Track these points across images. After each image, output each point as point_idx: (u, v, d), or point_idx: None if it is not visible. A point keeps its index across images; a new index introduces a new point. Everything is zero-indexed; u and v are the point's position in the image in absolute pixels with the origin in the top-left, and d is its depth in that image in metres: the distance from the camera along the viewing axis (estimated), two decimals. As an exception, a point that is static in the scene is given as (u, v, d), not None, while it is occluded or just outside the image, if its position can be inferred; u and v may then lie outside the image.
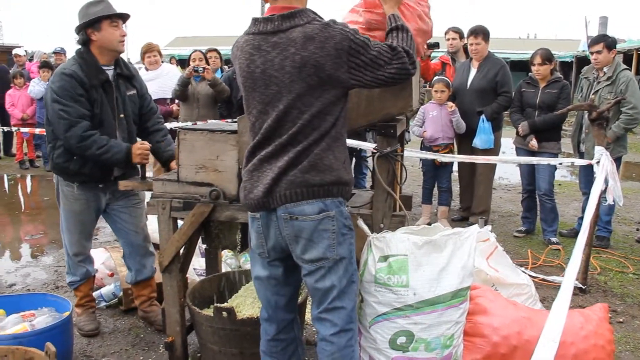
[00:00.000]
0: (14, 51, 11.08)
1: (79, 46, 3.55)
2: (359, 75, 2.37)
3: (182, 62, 18.97)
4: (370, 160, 6.35)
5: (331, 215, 2.39)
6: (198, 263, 4.43)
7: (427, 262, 2.62)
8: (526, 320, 3.11)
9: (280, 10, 2.39)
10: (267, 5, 2.48)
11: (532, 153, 5.73)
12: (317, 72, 2.31)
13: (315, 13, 2.40)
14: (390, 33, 2.52)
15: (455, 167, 6.78)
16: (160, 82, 6.30)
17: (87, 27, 3.46)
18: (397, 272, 2.60)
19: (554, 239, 5.75)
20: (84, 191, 3.65)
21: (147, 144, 3.55)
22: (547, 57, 5.62)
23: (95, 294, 4.15)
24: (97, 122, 3.48)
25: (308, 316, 3.83)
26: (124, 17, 3.58)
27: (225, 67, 7.47)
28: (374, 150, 2.79)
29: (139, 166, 3.55)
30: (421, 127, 6.16)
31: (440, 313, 2.65)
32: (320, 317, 2.51)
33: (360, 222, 2.70)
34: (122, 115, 3.62)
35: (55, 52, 10.60)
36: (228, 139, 2.97)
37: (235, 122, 2.98)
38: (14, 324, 3.30)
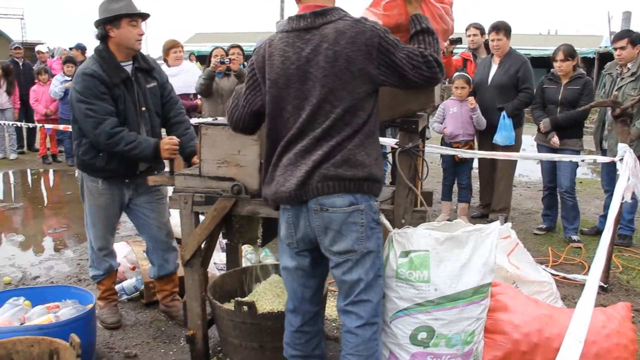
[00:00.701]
0: (37, 48, 11.22)
1: (97, 41, 3.59)
2: (388, 74, 2.41)
3: (202, 59, 19.03)
4: (389, 156, 6.33)
5: (361, 208, 2.43)
6: (218, 257, 4.46)
7: (448, 258, 2.62)
8: (547, 318, 3.09)
9: (312, 8, 2.46)
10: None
11: (554, 150, 5.68)
12: (349, 66, 2.36)
13: (345, 11, 2.47)
14: (416, 36, 2.53)
15: (475, 164, 6.73)
16: (183, 78, 6.36)
17: (106, 23, 3.49)
18: (419, 267, 2.60)
19: (575, 237, 5.70)
20: (109, 186, 3.69)
21: (175, 139, 3.56)
22: (570, 53, 5.56)
23: (117, 287, 4.19)
24: (121, 118, 3.51)
25: (328, 311, 3.85)
26: (143, 17, 3.60)
27: (246, 63, 7.48)
28: (396, 146, 2.79)
29: (165, 161, 3.59)
30: (441, 123, 6.13)
31: (461, 309, 2.64)
32: (346, 310, 2.55)
33: (382, 218, 2.71)
34: (143, 109, 3.65)
35: (72, 48, 10.72)
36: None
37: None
38: (39, 315, 3.36)
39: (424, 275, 2.60)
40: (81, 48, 10.72)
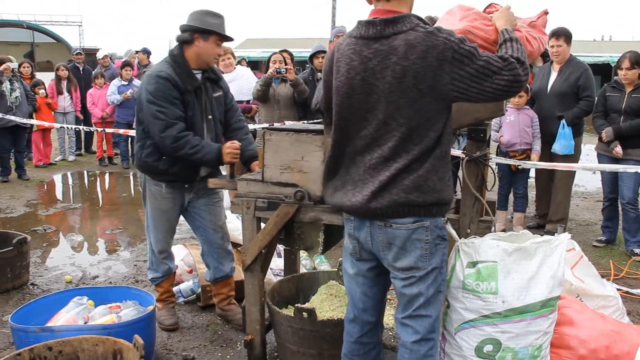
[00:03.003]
0: (100, 54, 11.54)
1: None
2: (462, 88, 2.25)
3: (253, 64, 19.19)
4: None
5: (425, 225, 2.36)
6: (274, 263, 4.48)
7: (516, 270, 2.57)
8: (616, 334, 2.99)
9: (384, 13, 2.32)
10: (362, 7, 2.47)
11: (616, 160, 5.51)
12: (417, 83, 2.22)
13: (420, 19, 2.31)
14: (503, 45, 2.42)
15: (531, 173, 6.60)
16: (237, 85, 6.41)
17: (197, 32, 3.55)
18: (486, 278, 2.55)
19: (637, 250, 5.50)
20: (171, 190, 3.75)
21: (237, 143, 3.60)
22: (637, 60, 5.36)
23: (174, 289, 4.24)
24: (188, 124, 3.56)
25: (385, 319, 3.81)
26: (228, 39, 3.70)
27: (295, 67, 7.48)
28: (463, 155, 2.74)
29: (224, 165, 3.63)
30: (498, 131, 6.02)
31: (528, 322, 2.58)
32: (403, 322, 2.50)
33: (448, 227, 2.67)
34: (210, 117, 3.71)
35: (138, 52, 11.02)
36: (313, 140, 2.97)
37: (318, 122, 2.99)
38: (102, 315, 3.43)
39: (491, 287, 2.55)
40: (147, 52, 10.97)
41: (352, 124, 2.40)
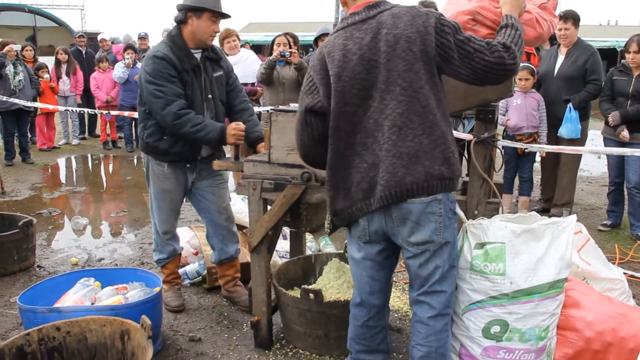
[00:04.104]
0: (100, 37, 11.48)
1: (174, 24, 3.62)
2: (446, 56, 2.35)
3: (256, 48, 19.07)
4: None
5: (439, 198, 2.38)
6: (280, 245, 4.47)
7: (524, 251, 2.56)
8: (622, 317, 2.99)
9: (364, 5, 2.48)
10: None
11: (622, 144, 5.48)
12: (410, 46, 2.33)
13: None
14: (500, 30, 2.46)
15: (537, 157, 6.58)
16: (242, 67, 6.37)
17: (190, 10, 3.52)
18: (494, 259, 2.55)
19: (643, 235, 5.50)
20: (174, 170, 3.74)
21: (241, 125, 3.57)
22: (644, 43, 5.33)
23: (180, 271, 4.26)
24: (188, 103, 3.55)
25: (390, 302, 3.81)
26: (224, 16, 3.64)
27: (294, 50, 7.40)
28: (472, 136, 2.73)
29: (229, 147, 3.62)
30: (504, 115, 5.99)
31: (536, 304, 2.58)
32: (418, 300, 2.51)
33: (457, 208, 2.66)
34: (210, 96, 3.69)
35: (140, 37, 10.97)
36: (320, 122, 2.95)
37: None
38: (109, 296, 3.44)
39: (499, 268, 2.55)
40: (145, 37, 10.97)
41: (359, 107, 2.41)
